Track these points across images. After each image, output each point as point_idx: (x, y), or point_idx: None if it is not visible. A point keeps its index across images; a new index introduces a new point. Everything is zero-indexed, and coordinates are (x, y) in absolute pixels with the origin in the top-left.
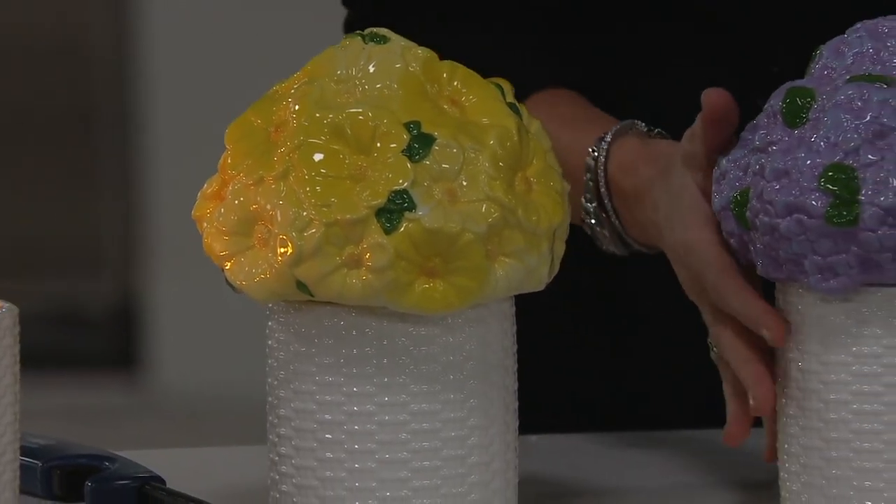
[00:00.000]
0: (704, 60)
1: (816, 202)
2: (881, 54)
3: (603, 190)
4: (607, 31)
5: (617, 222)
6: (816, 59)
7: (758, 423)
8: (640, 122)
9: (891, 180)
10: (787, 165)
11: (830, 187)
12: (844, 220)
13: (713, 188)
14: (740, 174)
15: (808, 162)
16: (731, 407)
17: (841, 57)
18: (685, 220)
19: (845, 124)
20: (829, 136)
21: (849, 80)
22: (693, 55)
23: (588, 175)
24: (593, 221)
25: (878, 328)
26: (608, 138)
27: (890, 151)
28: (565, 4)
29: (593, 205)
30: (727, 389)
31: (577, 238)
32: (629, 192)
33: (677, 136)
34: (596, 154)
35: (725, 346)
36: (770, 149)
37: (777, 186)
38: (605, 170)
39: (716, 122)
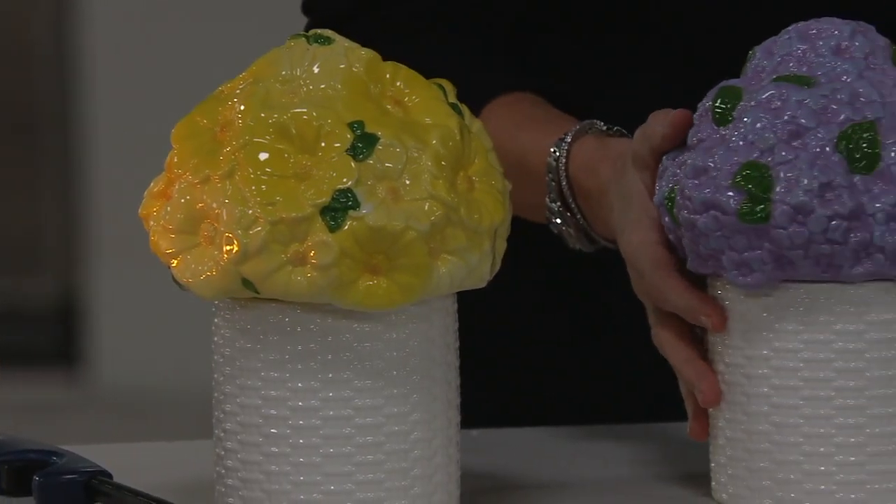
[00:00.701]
0: (663, 69)
1: (731, 199)
2: (808, 56)
3: (566, 189)
4: (567, 39)
5: (582, 220)
6: (750, 60)
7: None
8: (598, 121)
9: (802, 179)
10: (706, 163)
11: (744, 185)
12: (756, 218)
13: (656, 185)
14: (677, 171)
15: (726, 160)
16: (689, 403)
17: (771, 57)
18: (632, 222)
19: (763, 124)
20: (747, 135)
21: (772, 81)
22: (652, 64)
23: (550, 175)
24: (558, 220)
25: (797, 324)
26: (568, 138)
27: (804, 151)
28: (524, 12)
29: (557, 204)
30: (683, 388)
31: (542, 237)
32: (592, 191)
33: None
34: (557, 154)
35: (666, 347)
36: (698, 146)
37: (696, 183)
38: (567, 170)
39: (678, 139)
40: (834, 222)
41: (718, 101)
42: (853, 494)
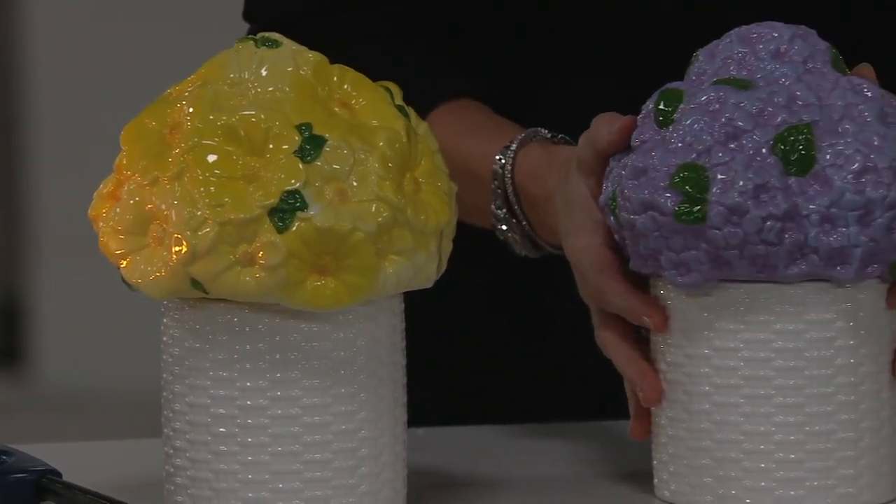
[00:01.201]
0: (601, 72)
1: (668, 200)
2: (748, 59)
3: (511, 196)
4: (506, 43)
5: (527, 226)
6: (693, 62)
7: None
8: (543, 129)
9: (738, 180)
10: (645, 164)
11: (681, 186)
12: (693, 218)
13: (603, 186)
14: (622, 172)
15: (664, 161)
16: (632, 402)
17: (712, 60)
18: (576, 227)
19: (701, 126)
20: (685, 137)
21: (712, 84)
22: (592, 69)
23: (496, 182)
24: (504, 227)
25: (737, 323)
26: (514, 146)
27: (740, 153)
28: (465, 17)
29: (503, 211)
30: (627, 387)
31: (488, 240)
32: (538, 198)
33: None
34: (503, 161)
35: (609, 347)
36: (639, 148)
37: (636, 184)
38: (513, 177)
39: (623, 143)
40: (768, 223)
41: (661, 103)
42: (792, 491)
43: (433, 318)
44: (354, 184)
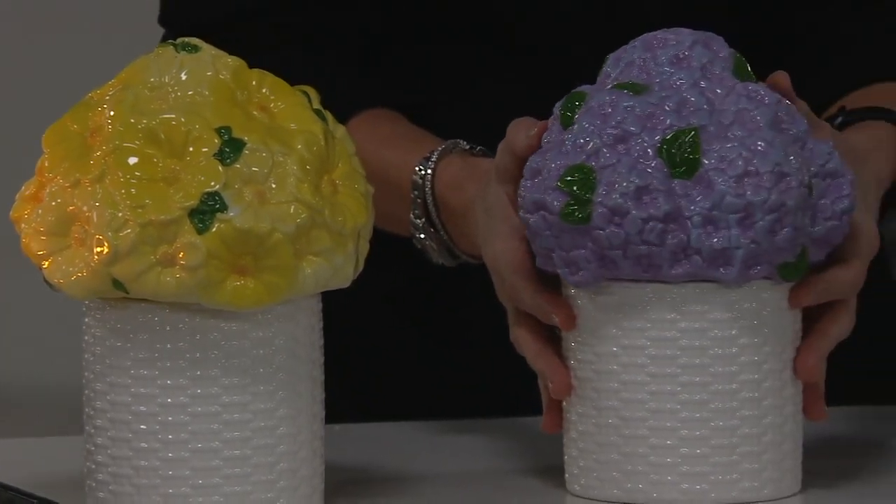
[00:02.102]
0: (514, 79)
1: (556, 200)
2: (648, 64)
3: (431, 206)
4: (420, 50)
5: (445, 236)
6: (604, 67)
7: None
8: (462, 140)
9: (621, 182)
10: (539, 164)
11: (568, 187)
12: (577, 218)
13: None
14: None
15: (556, 162)
16: (544, 397)
17: (617, 65)
18: (494, 232)
19: (592, 128)
20: (577, 139)
21: (610, 88)
22: (504, 75)
23: (416, 192)
24: (422, 236)
25: (644, 321)
26: (434, 157)
27: (627, 155)
28: (377, 25)
29: (422, 220)
30: (540, 383)
31: (404, 246)
32: (458, 209)
33: (491, 150)
34: (423, 172)
35: (522, 343)
36: (542, 148)
37: (530, 184)
38: (433, 187)
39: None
40: (649, 224)
41: (565, 105)
42: (697, 486)
43: (351, 317)
44: (273, 186)
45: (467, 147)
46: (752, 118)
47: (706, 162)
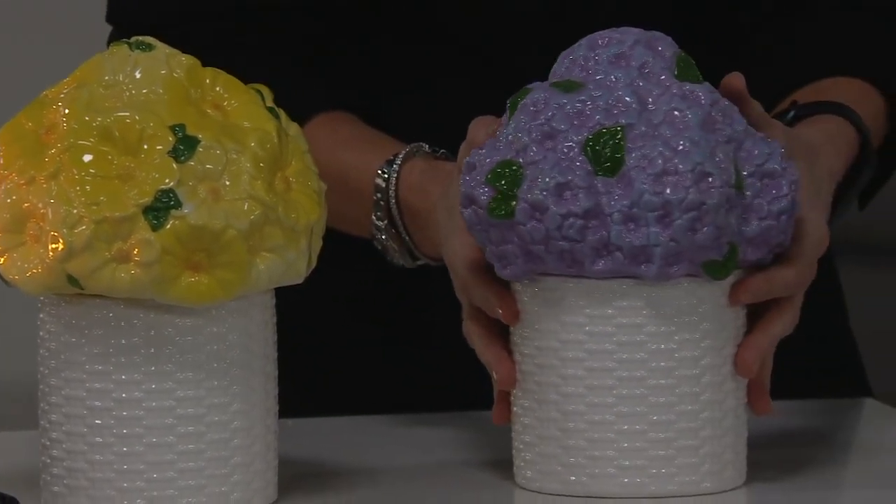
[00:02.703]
0: (468, 79)
1: (484, 195)
2: (589, 63)
3: (394, 209)
4: (376, 53)
5: (407, 238)
6: (555, 65)
7: None
8: (425, 144)
9: (544, 178)
10: (474, 160)
11: (496, 182)
12: (502, 214)
13: None
14: None
15: (488, 158)
16: (496, 389)
17: (562, 63)
18: (454, 230)
19: (522, 125)
20: (509, 135)
21: (547, 85)
22: (457, 74)
23: (378, 195)
24: (383, 237)
25: (581, 317)
26: (398, 160)
27: (552, 152)
28: (327, 25)
29: (384, 222)
30: (493, 377)
31: (358, 243)
32: (421, 211)
33: (448, 149)
34: (386, 175)
35: (472, 336)
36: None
37: (466, 179)
38: (397, 190)
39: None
40: (569, 220)
41: (512, 101)
42: (638, 479)
43: (304, 312)
44: (227, 183)
45: (430, 150)
46: (682, 118)
47: (629, 160)
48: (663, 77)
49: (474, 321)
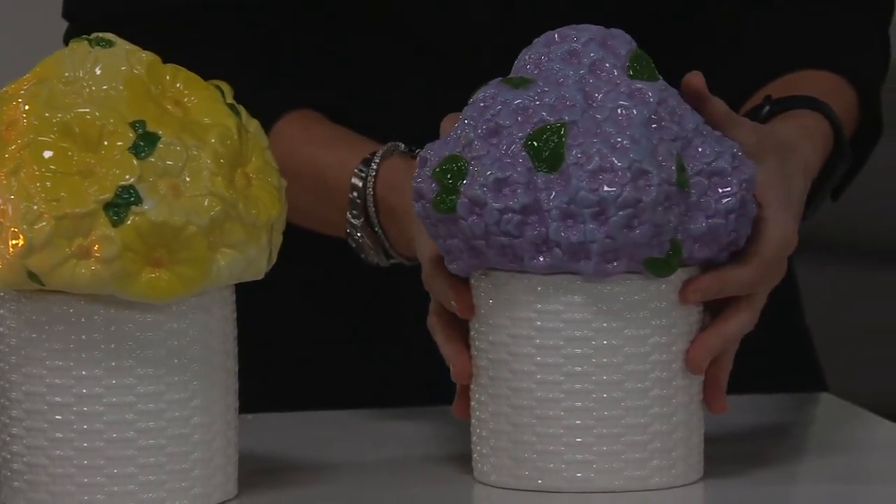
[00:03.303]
0: (428, 79)
1: (430, 189)
2: (542, 60)
3: (371, 208)
4: (339, 53)
5: (383, 237)
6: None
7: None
8: (401, 143)
9: (484, 174)
10: (426, 154)
11: (441, 177)
12: (445, 208)
13: None
14: None
15: (437, 152)
16: (458, 384)
17: (521, 60)
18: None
19: (470, 120)
20: (458, 130)
21: (497, 81)
22: (417, 74)
23: (355, 193)
24: (359, 235)
25: (531, 312)
26: (377, 159)
27: (496, 148)
28: (293, 26)
29: (360, 220)
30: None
31: (317, 238)
32: (398, 209)
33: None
34: (364, 175)
35: (434, 329)
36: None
37: (418, 173)
38: (375, 189)
39: None
40: (506, 216)
41: (471, 97)
42: (586, 474)
43: (264, 308)
44: (187, 179)
45: (406, 150)
46: (626, 116)
47: (569, 157)
48: (614, 74)
49: (437, 315)
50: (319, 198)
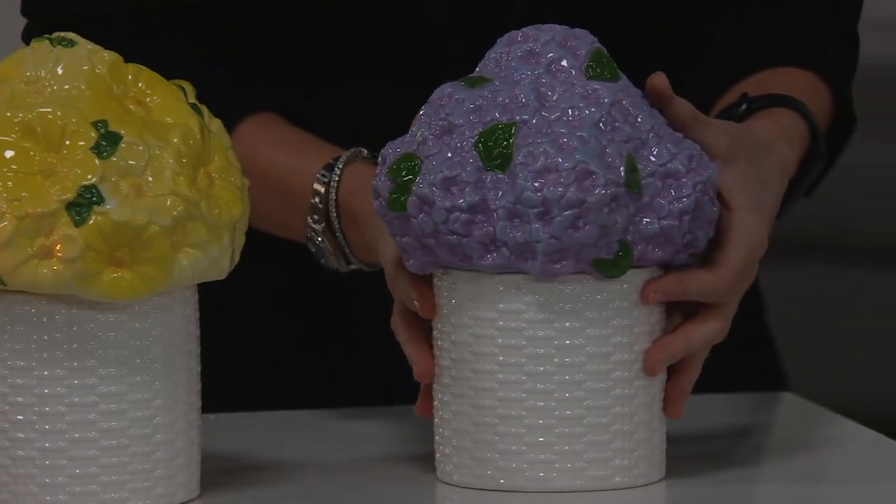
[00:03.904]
0: (390, 80)
1: (386, 187)
2: (502, 59)
3: (332, 213)
4: (302, 54)
5: (343, 242)
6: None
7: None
8: (364, 149)
9: (435, 172)
10: (386, 152)
11: (395, 175)
12: (397, 206)
13: None
14: None
15: (393, 151)
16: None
17: (485, 59)
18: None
19: (425, 119)
20: (414, 129)
21: (455, 81)
22: (384, 75)
23: (317, 198)
24: (320, 240)
25: (493, 312)
26: (340, 164)
27: (447, 146)
28: (255, 27)
29: (321, 226)
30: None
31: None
32: (359, 214)
33: (373, 150)
34: (327, 179)
35: (397, 329)
36: None
37: (378, 171)
38: (337, 194)
39: None
40: (454, 214)
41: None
42: (545, 473)
43: (226, 308)
44: (150, 179)
45: (368, 155)
46: (578, 116)
47: (518, 157)
48: (571, 74)
49: (400, 316)
50: (279, 202)
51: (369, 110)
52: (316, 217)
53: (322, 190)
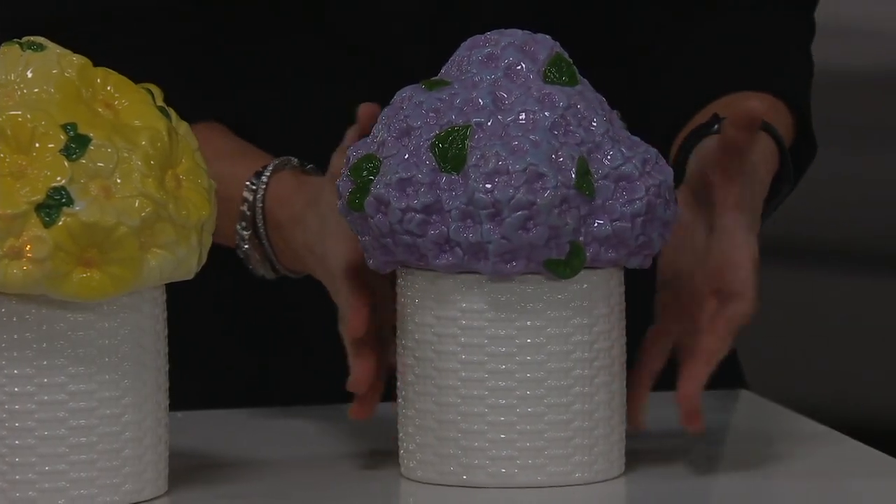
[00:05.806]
0: (358, 83)
1: (346, 188)
2: (463, 62)
3: (259, 221)
4: (256, 57)
5: (269, 249)
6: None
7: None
8: (294, 158)
9: (391, 173)
10: (349, 154)
11: (355, 175)
12: (356, 206)
13: None
14: None
15: (356, 151)
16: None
17: (447, 64)
18: (330, 234)
19: (385, 120)
20: (374, 130)
21: (417, 83)
22: (348, 80)
23: (245, 206)
24: (247, 247)
25: (454, 311)
26: (267, 173)
27: (405, 148)
28: (211, 31)
29: (248, 232)
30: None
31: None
32: (284, 222)
33: (324, 155)
34: (254, 187)
35: (344, 336)
36: None
37: (342, 172)
38: (263, 202)
39: (366, 131)
40: (409, 215)
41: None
42: (503, 469)
43: (193, 307)
44: (118, 181)
45: (298, 164)
46: (532, 120)
47: (471, 159)
48: (529, 78)
49: (344, 321)
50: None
51: (338, 116)
52: (244, 224)
53: (250, 198)
